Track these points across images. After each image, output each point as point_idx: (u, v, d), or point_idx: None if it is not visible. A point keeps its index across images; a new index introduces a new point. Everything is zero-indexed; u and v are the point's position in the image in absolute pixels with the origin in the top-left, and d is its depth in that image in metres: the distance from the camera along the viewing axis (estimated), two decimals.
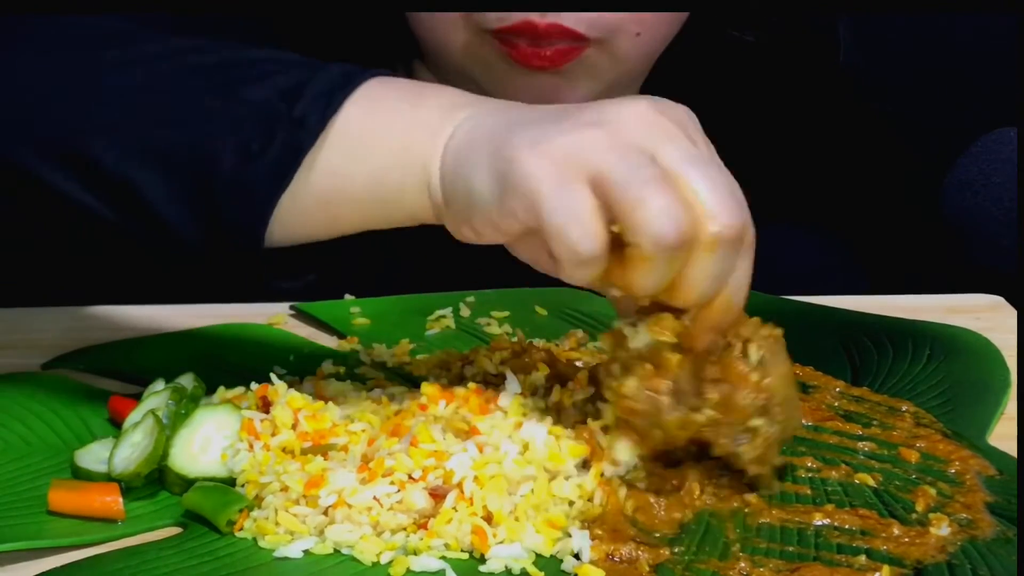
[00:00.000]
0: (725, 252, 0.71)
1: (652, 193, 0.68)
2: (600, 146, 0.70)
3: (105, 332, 0.98)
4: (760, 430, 0.76)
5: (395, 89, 0.80)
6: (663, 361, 0.76)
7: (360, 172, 0.78)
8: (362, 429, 0.79)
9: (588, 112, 0.72)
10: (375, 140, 0.78)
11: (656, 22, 1.06)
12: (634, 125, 0.71)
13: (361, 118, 0.78)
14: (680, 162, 0.70)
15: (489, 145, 0.73)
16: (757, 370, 0.76)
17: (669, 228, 0.68)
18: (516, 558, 0.72)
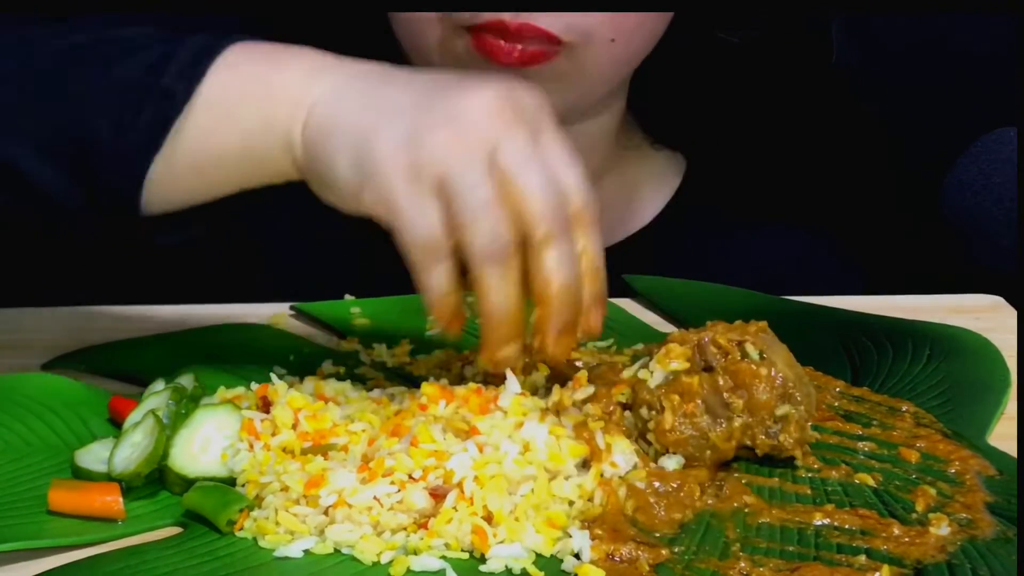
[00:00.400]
0: (558, 247, 0.77)
1: (480, 215, 0.76)
2: (449, 154, 0.76)
3: (105, 332, 0.98)
4: (790, 416, 0.80)
5: (257, 53, 0.84)
6: (685, 387, 0.80)
7: (228, 136, 0.82)
8: (362, 429, 0.79)
9: (446, 104, 0.78)
10: (240, 105, 0.82)
11: (632, 29, 1.05)
12: (480, 120, 0.77)
13: (225, 84, 0.82)
14: (512, 163, 0.77)
15: (353, 131, 0.79)
16: (763, 364, 0.80)
17: (492, 245, 0.76)
18: (516, 558, 0.72)
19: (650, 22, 1.07)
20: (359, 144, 0.78)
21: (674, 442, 0.80)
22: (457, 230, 0.77)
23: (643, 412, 0.81)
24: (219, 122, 0.83)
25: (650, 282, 1.10)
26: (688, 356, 0.81)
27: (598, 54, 1.04)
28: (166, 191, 0.84)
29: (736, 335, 0.81)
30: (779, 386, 0.80)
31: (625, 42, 1.06)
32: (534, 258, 0.78)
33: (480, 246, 0.76)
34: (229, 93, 0.83)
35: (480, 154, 0.77)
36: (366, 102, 0.80)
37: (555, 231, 0.77)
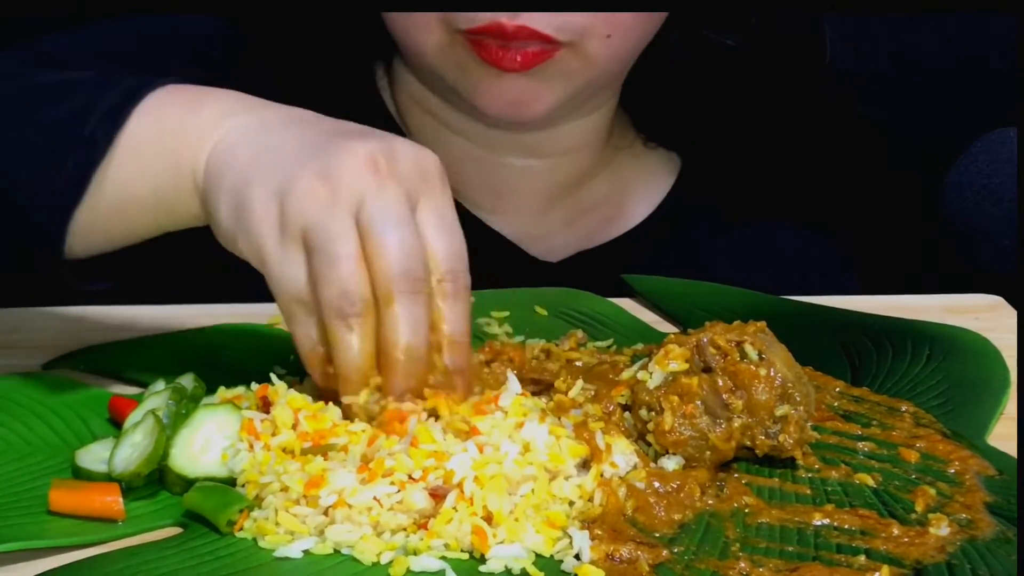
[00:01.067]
0: (404, 304, 0.77)
1: (334, 267, 0.76)
2: (315, 206, 0.76)
3: (105, 332, 0.98)
4: (790, 416, 0.80)
5: (180, 96, 0.85)
6: (684, 388, 0.80)
7: (144, 180, 0.83)
8: (362, 429, 0.79)
9: (324, 157, 0.78)
10: (155, 148, 0.83)
11: (628, 24, 1.06)
12: (351, 178, 0.77)
13: (144, 129, 0.83)
14: (373, 219, 0.76)
15: (235, 179, 0.79)
16: (761, 365, 0.80)
17: (341, 299, 0.76)
18: (516, 558, 0.72)
19: (647, 16, 1.08)
20: (239, 191, 0.79)
21: (674, 443, 0.80)
22: (313, 282, 0.77)
23: (642, 413, 0.82)
24: (135, 167, 0.83)
25: (649, 282, 1.10)
26: (687, 357, 0.81)
27: (597, 50, 1.05)
28: (86, 236, 0.84)
29: (735, 335, 0.81)
30: (778, 386, 0.80)
31: (623, 37, 1.07)
32: (379, 317, 0.77)
33: (329, 299, 0.76)
34: (147, 135, 0.83)
35: (345, 209, 0.77)
36: (256, 149, 0.80)
37: (403, 292, 0.77)
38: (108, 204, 0.83)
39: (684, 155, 1.23)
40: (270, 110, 0.84)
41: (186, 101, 0.84)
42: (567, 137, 1.16)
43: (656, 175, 1.23)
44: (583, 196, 1.20)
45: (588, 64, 1.06)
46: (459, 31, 1.03)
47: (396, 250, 0.76)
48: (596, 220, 1.20)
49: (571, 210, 1.20)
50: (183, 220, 0.84)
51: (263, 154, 0.80)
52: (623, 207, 1.21)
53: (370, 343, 0.78)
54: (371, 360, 0.78)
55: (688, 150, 1.23)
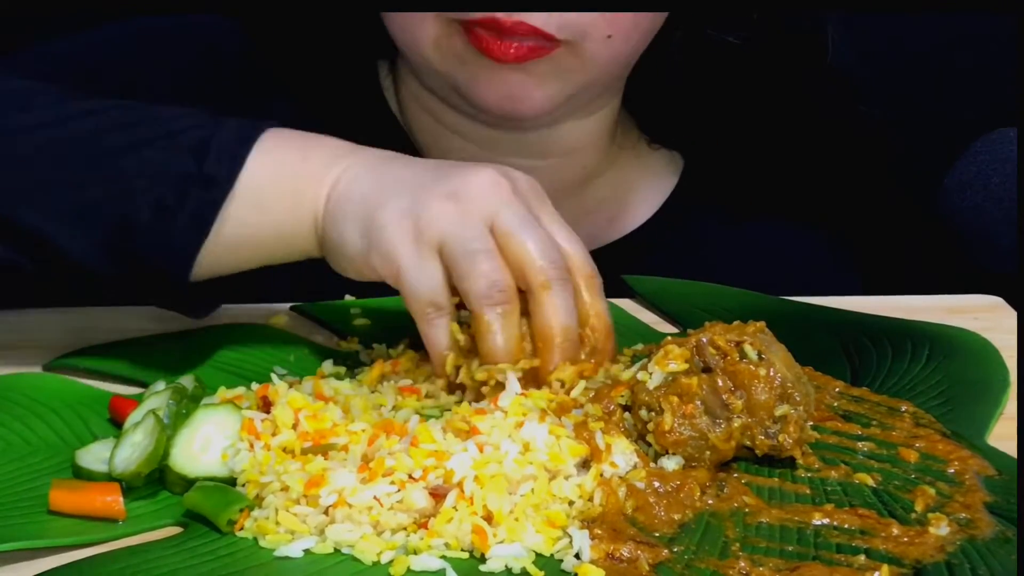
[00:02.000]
0: (558, 292, 0.84)
1: (478, 263, 0.83)
2: (449, 219, 0.84)
3: (105, 332, 0.98)
4: (789, 416, 0.80)
5: (288, 141, 0.90)
6: (684, 388, 0.80)
7: (264, 221, 0.88)
8: (362, 429, 0.79)
9: (448, 182, 0.85)
10: (275, 191, 0.88)
11: (629, 25, 1.06)
12: (479, 195, 0.85)
13: (262, 172, 0.88)
14: (511, 225, 0.84)
15: (362, 205, 0.86)
16: (761, 365, 0.80)
17: (490, 289, 0.83)
18: (516, 557, 0.72)
19: (648, 17, 1.08)
20: (367, 215, 0.85)
21: (673, 443, 0.80)
22: (458, 282, 0.84)
23: (642, 413, 0.82)
24: (256, 208, 0.88)
25: (649, 283, 1.10)
26: (687, 357, 0.81)
27: (597, 50, 1.05)
28: (200, 270, 0.88)
29: (734, 336, 0.81)
30: (778, 386, 0.80)
31: (624, 38, 1.06)
32: (535, 304, 0.84)
33: (478, 289, 0.83)
34: (264, 181, 0.88)
35: (478, 219, 0.84)
36: (376, 180, 0.87)
37: (556, 279, 0.84)
38: (225, 242, 0.87)
39: (687, 155, 1.23)
40: (376, 152, 0.90)
41: (298, 145, 0.90)
42: (570, 137, 1.16)
43: (659, 175, 1.23)
44: (586, 197, 1.20)
45: (586, 64, 1.05)
46: (456, 21, 1.03)
47: (540, 244, 0.84)
48: (599, 221, 1.20)
49: (574, 211, 1.20)
50: (293, 255, 0.90)
51: (385, 183, 0.86)
52: (626, 208, 1.21)
53: (518, 329, 0.84)
54: (520, 344, 0.84)
55: (691, 150, 1.23)
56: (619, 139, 1.21)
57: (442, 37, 1.05)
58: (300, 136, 0.90)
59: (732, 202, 1.21)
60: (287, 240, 0.89)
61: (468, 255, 0.83)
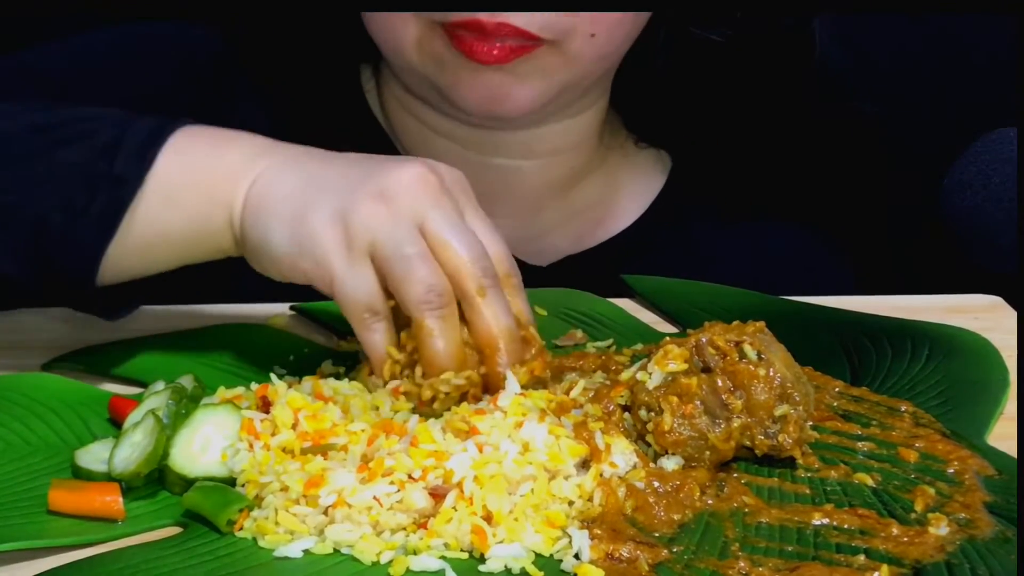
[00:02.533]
0: (494, 296, 0.84)
1: (414, 268, 0.82)
2: (379, 222, 0.83)
3: (105, 332, 0.98)
4: (789, 416, 0.80)
5: (201, 138, 0.89)
6: (684, 388, 0.80)
7: (175, 218, 0.87)
8: (362, 429, 0.79)
9: (374, 180, 0.84)
10: (187, 189, 0.87)
11: (613, 23, 1.05)
12: (407, 194, 0.84)
13: (173, 169, 0.87)
14: (441, 229, 0.83)
15: (288, 206, 0.85)
16: (761, 365, 0.80)
17: (428, 294, 0.82)
18: (516, 558, 0.72)
19: (632, 16, 1.07)
20: (294, 217, 0.84)
21: (673, 443, 0.80)
22: (394, 287, 0.83)
23: (642, 414, 0.82)
24: (167, 206, 0.87)
25: (649, 282, 1.10)
26: (686, 357, 0.81)
27: (580, 49, 1.04)
28: (113, 270, 0.88)
29: (734, 336, 0.81)
30: (777, 386, 0.80)
31: (607, 36, 1.06)
32: (472, 311, 0.84)
33: (416, 295, 0.82)
34: (176, 178, 0.87)
35: (408, 221, 0.83)
36: (299, 180, 0.86)
37: (491, 285, 0.84)
38: (136, 239, 0.87)
39: (675, 154, 1.23)
40: (292, 147, 0.89)
41: (211, 142, 0.89)
42: (556, 137, 1.15)
43: (647, 175, 1.23)
44: (574, 197, 1.20)
45: (569, 62, 1.05)
46: (437, 23, 1.02)
47: (471, 250, 0.84)
48: (587, 221, 1.20)
49: (562, 212, 1.19)
50: (209, 254, 0.89)
51: (310, 182, 0.85)
52: (615, 208, 1.21)
53: (458, 332, 0.84)
54: (462, 348, 0.84)
55: (679, 148, 1.22)
56: (607, 139, 1.20)
57: (424, 40, 1.04)
58: (214, 133, 0.90)
59: (721, 201, 1.21)
60: (201, 239, 0.88)
61: (403, 260, 0.82)
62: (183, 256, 0.90)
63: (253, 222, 0.86)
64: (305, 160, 0.88)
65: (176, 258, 0.90)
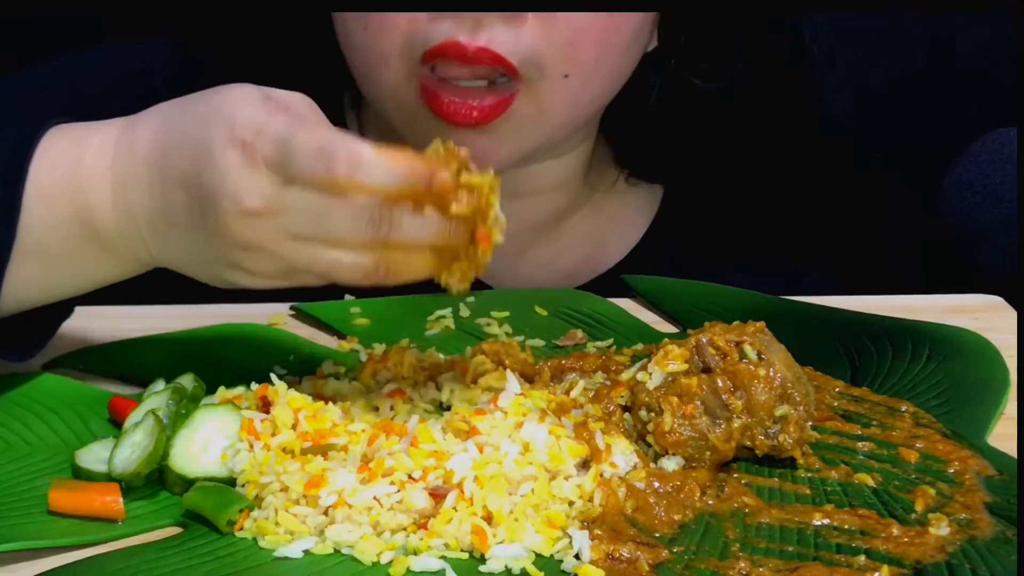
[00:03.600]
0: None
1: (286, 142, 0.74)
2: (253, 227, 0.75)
3: (105, 332, 0.98)
4: (789, 416, 0.80)
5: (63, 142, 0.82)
6: (684, 388, 0.80)
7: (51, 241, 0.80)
8: (362, 429, 0.79)
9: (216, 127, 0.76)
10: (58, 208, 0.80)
11: (587, 66, 1.02)
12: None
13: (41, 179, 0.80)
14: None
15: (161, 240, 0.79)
16: (761, 365, 0.80)
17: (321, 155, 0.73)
18: (516, 558, 0.72)
19: (608, 59, 1.04)
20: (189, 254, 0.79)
21: (673, 443, 0.80)
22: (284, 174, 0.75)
23: (642, 414, 0.82)
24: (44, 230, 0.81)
25: (649, 282, 1.10)
26: (686, 357, 0.81)
27: (555, 93, 1.01)
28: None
29: (734, 336, 0.81)
30: (778, 386, 0.80)
31: (582, 80, 1.02)
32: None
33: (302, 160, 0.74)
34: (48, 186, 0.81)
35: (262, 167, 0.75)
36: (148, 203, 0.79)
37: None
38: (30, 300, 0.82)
39: (669, 188, 1.21)
40: (100, 133, 0.82)
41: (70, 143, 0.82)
42: (541, 177, 1.13)
43: (636, 212, 1.21)
44: (561, 235, 1.18)
45: (543, 112, 1.02)
46: (416, 64, 0.99)
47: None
48: (574, 260, 1.18)
49: (550, 250, 1.18)
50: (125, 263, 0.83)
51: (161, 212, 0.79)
52: (602, 245, 1.19)
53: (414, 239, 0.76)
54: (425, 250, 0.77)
55: (670, 185, 1.21)
56: (592, 179, 1.19)
57: (400, 84, 1.01)
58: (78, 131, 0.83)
59: (711, 238, 1.20)
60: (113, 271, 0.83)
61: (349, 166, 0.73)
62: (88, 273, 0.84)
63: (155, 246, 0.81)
64: (131, 159, 0.80)
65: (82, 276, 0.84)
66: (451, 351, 0.95)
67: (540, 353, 0.97)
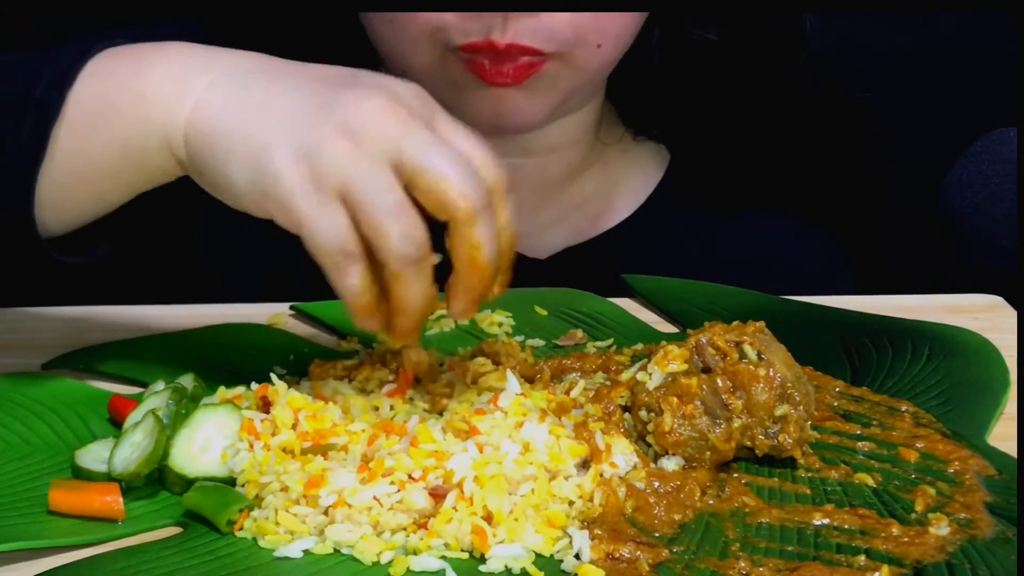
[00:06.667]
0: (484, 222, 0.78)
1: (391, 218, 0.76)
2: (348, 160, 0.77)
3: (105, 332, 0.98)
4: (789, 416, 0.80)
5: (126, 55, 0.85)
6: (684, 389, 0.80)
7: (104, 141, 0.83)
8: (362, 429, 0.79)
9: (335, 112, 0.78)
10: (113, 108, 0.83)
11: (617, 32, 1.07)
12: (376, 126, 0.77)
13: (95, 91, 0.83)
14: (420, 158, 0.77)
15: (244, 142, 0.79)
16: (761, 365, 0.80)
17: (406, 246, 0.77)
18: (516, 558, 0.72)
19: (633, 24, 1.09)
20: (254, 156, 0.78)
21: (673, 444, 0.80)
22: (369, 234, 0.77)
23: (642, 414, 0.82)
24: (94, 128, 0.83)
25: (649, 282, 1.10)
26: (686, 358, 0.81)
27: (588, 59, 1.06)
28: (57, 207, 0.85)
29: (734, 336, 0.81)
30: (778, 386, 0.80)
31: (613, 45, 1.07)
32: (458, 235, 0.78)
33: (395, 249, 0.77)
34: (101, 97, 0.83)
35: (382, 158, 0.77)
36: (247, 109, 0.80)
37: (478, 207, 0.78)
38: (68, 168, 0.84)
39: (673, 148, 1.23)
40: (229, 57, 0.84)
41: (134, 58, 0.84)
42: (554, 135, 1.16)
43: (645, 169, 1.23)
44: (573, 192, 1.20)
45: (576, 71, 1.06)
46: (452, 48, 1.03)
47: (456, 173, 0.77)
48: (586, 216, 1.21)
49: (561, 207, 1.20)
50: (154, 178, 0.85)
51: (264, 113, 0.80)
52: (612, 202, 1.21)
53: (431, 280, 0.79)
54: (433, 295, 0.79)
55: (677, 143, 1.23)
56: (603, 135, 1.21)
57: (436, 64, 1.05)
58: (142, 48, 0.85)
59: (719, 195, 1.22)
60: (136, 160, 0.83)
61: (378, 209, 0.76)
62: (123, 184, 0.85)
63: (207, 156, 0.81)
64: (246, 81, 0.82)
65: (117, 188, 0.85)
66: (451, 351, 0.95)
67: (540, 353, 0.97)
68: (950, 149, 1.18)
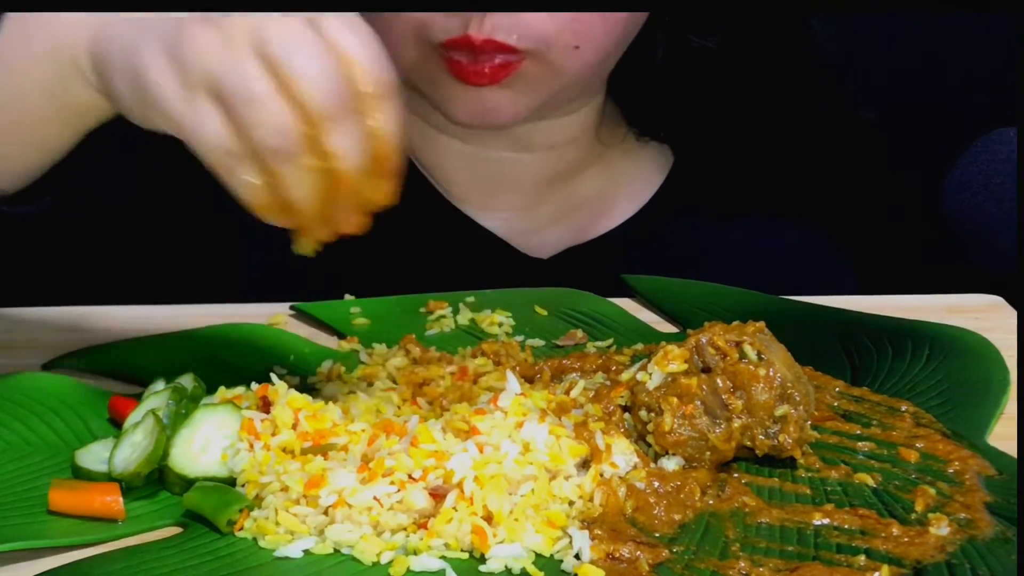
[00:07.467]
0: (344, 128, 0.74)
1: (259, 111, 0.73)
2: (214, 53, 0.73)
3: (105, 332, 0.98)
4: (789, 416, 0.80)
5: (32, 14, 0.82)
6: (684, 388, 0.80)
7: (29, 91, 0.82)
8: (362, 429, 0.79)
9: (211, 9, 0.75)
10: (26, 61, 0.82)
11: (597, 35, 1.07)
12: (247, 16, 0.74)
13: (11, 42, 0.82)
14: (283, 50, 0.73)
15: (123, 55, 0.77)
16: (761, 365, 0.80)
17: (279, 140, 0.73)
18: (516, 558, 0.72)
19: (619, 26, 1.09)
20: (132, 67, 0.76)
21: (673, 444, 0.80)
22: (239, 130, 0.74)
23: (642, 414, 0.82)
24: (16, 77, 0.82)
25: (649, 282, 1.10)
26: (686, 358, 0.81)
27: (563, 60, 1.07)
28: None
29: (734, 336, 0.81)
30: (778, 386, 0.80)
31: (593, 47, 1.08)
32: (324, 141, 0.74)
33: (265, 142, 0.73)
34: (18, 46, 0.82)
35: (245, 48, 0.73)
36: (130, 22, 0.78)
37: (338, 112, 0.74)
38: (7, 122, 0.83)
39: (676, 149, 1.24)
40: None
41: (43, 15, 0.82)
42: (555, 132, 1.17)
43: (648, 170, 1.23)
44: (573, 191, 1.21)
45: (554, 72, 1.07)
46: (434, 47, 1.06)
47: (317, 72, 0.73)
48: (586, 215, 1.21)
49: (561, 205, 1.20)
50: (87, 113, 0.83)
51: (139, 23, 0.77)
52: (614, 202, 1.22)
53: (317, 173, 0.75)
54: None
55: (680, 144, 1.23)
56: (605, 135, 1.21)
57: (420, 62, 1.07)
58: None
59: (721, 197, 1.22)
60: (63, 102, 0.81)
61: (245, 100, 0.73)
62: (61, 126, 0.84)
63: (106, 79, 0.78)
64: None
65: (57, 132, 0.84)
66: (451, 351, 0.95)
67: (540, 353, 0.97)
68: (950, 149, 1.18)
